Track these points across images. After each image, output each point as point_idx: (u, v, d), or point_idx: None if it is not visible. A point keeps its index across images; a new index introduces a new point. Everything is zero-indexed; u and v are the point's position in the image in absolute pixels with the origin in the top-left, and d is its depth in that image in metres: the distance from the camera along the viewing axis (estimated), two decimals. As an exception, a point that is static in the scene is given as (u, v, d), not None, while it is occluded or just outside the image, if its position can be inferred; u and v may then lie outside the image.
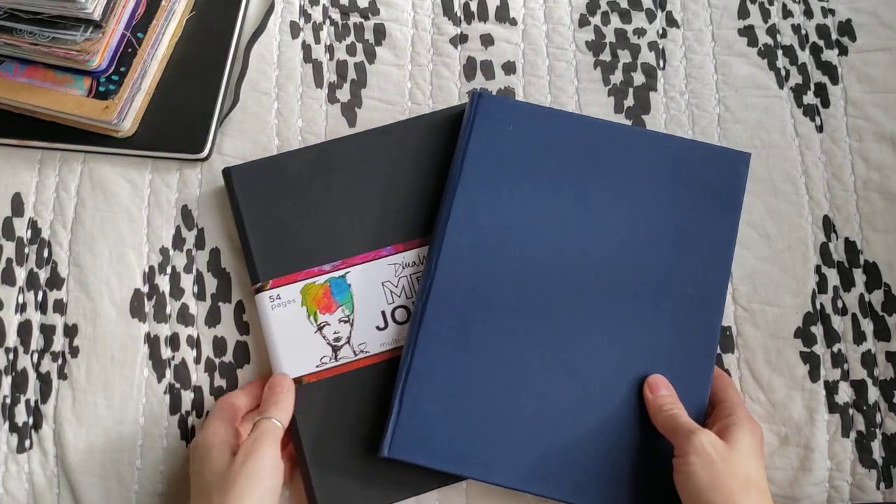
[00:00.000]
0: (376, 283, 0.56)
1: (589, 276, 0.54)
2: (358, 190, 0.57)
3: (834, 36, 0.64)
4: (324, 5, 0.66)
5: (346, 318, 0.55)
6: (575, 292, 0.53)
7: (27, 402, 0.57)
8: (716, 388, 0.53)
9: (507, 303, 0.53)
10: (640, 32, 0.65)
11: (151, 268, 0.59)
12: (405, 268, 0.56)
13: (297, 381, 0.53)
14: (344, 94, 0.63)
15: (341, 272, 0.56)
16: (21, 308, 0.59)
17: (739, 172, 0.56)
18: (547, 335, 0.53)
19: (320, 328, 0.55)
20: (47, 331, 0.58)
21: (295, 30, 0.65)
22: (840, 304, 0.58)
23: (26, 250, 0.60)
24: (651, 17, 0.65)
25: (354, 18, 0.65)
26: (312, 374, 0.54)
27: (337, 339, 0.54)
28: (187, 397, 0.56)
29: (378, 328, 0.55)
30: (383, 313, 0.55)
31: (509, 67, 0.64)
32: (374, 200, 0.57)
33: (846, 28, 0.64)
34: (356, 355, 0.54)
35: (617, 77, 0.64)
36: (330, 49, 0.65)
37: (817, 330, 0.57)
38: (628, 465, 0.51)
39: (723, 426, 0.49)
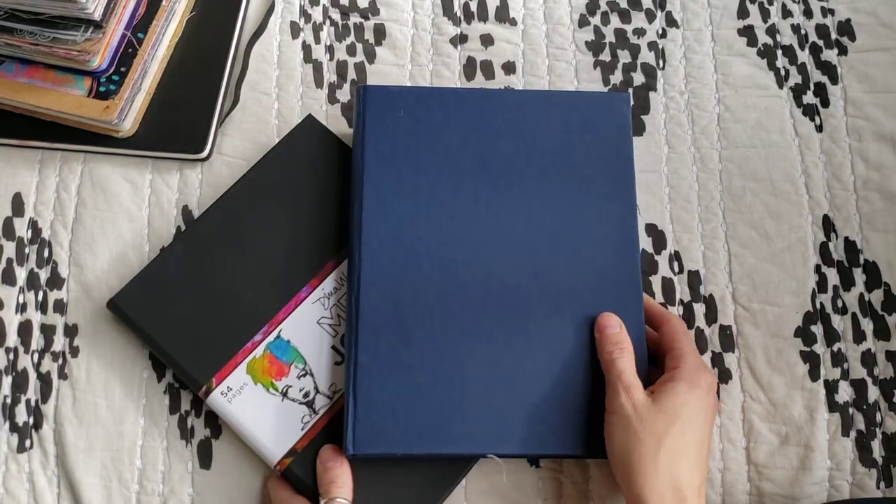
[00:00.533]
0: (312, 325, 0.55)
1: (509, 235, 0.55)
2: (246, 252, 0.56)
3: (833, 36, 0.64)
4: (324, 5, 0.66)
5: (304, 371, 0.54)
6: (499, 253, 0.54)
7: (27, 401, 0.57)
8: (665, 332, 0.53)
9: (437, 278, 0.54)
10: (639, 32, 0.65)
11: (152, 268, 0.59)
12: (330, 297, 0.55)
13: (292, 451, 0.52)
14: (344, 95, 0.63)
15: (274, 333, 0.55)
16: (21, 308, 0.59)
17: (623, 112, 0.58)
18: (482, 301, 0.53)
19: (285, 394, 0.53)
20: (48, 331, 0.58)
21: (295, 30, 0.65)
22: (840, 304, 0.58)
23: (27, 250, 0.60)
24: (651, 17, 0.65)
25: (354, 19, 0.65)
26: (303, 439, 0.52)
27: (306, 395, 0.53)
28: (186, 397, 0.56)
29: (337, 363, 0.54)
30: (334, 348, 0.55)
31: (509, 67, 0.64)
32: (268, 252, 0.56)
33: (846, 28, 0.64)
34: (332, 398, 0.54)
35: (617, 77, 0.64)
36: (330, 49, 0.65)
37: (817, 329, 0.57)
38: (590, 409, 0.51)
39: (663, 381, 0.50)
